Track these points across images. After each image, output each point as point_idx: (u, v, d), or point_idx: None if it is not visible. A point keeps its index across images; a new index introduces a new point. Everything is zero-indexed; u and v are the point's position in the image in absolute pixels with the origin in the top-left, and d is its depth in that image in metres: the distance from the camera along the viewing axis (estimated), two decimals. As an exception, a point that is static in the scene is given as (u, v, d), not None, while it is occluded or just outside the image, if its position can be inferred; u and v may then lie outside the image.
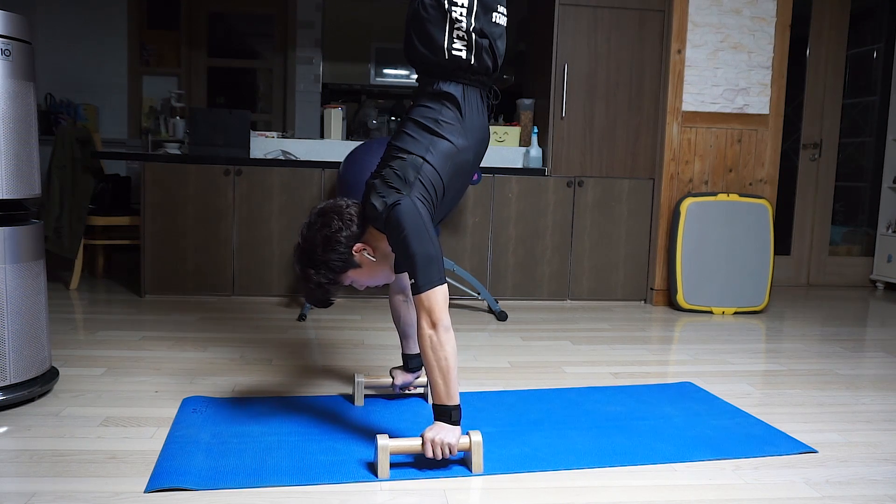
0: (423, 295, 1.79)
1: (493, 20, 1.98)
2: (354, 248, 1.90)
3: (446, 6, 1.93)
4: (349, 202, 1.95)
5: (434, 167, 1.90)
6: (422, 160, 1.89)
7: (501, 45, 2.02)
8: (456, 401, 1.82)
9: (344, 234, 1.88)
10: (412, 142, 1.93)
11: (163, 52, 6.14)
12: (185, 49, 6.19)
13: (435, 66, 1.97)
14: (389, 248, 1.94)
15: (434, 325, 1.79)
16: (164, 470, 1.74)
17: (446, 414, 1.81)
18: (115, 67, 5.96)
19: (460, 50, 1.94)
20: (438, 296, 1.79)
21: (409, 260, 1.80)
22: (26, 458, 1.81)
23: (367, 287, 2.03)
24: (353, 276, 1.94)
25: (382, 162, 1.97)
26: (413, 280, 1.80)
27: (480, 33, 1.95)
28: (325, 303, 1.96)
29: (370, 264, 1.94)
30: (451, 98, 1.95)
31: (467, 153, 1.97)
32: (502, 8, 2.02)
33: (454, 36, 1.94)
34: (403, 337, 2.32)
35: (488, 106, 2.07)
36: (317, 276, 1.89)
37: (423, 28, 1.96)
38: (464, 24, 1.94)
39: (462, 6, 1.93)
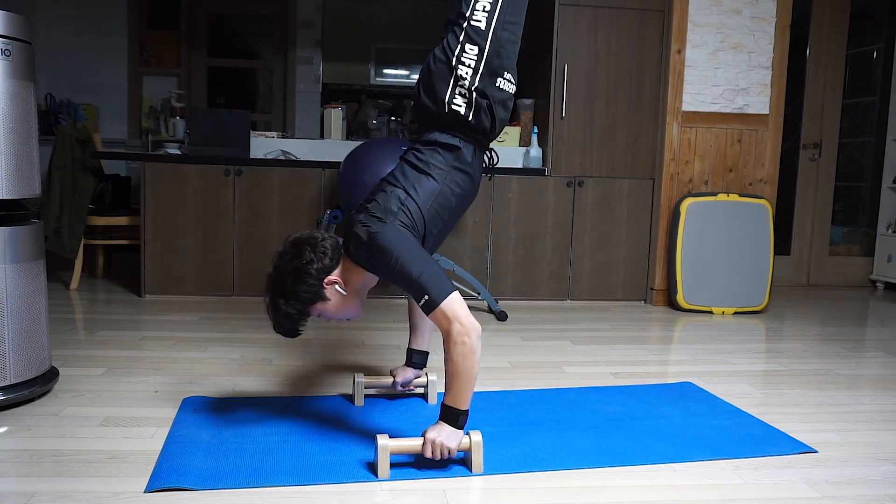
0: (444, 305, 1.77)
1: (497, 85, 2.03)
2: (325, 280, 1.89)
3: (454, 63, 1.99)
4: (325, 235, 1.94)
5: (416, 203, 1.92)
6: (405, 193, 1.93)
7: (502, 111, 2.05)
8: (466, 406, 1.81)
9: (315, 266, 1.86)
10: (399, 178, 1.97)
11: (163, 52, 6.14)
12: (185, 49, 6.19)
13: (435, 119, 2.02)
14: (362, 284, 1.94)
15: (469, 332, 1.76)
16: (164, 470, 1.74)
17: (453, 417, 1.80)
18: (115, 67, 5.96)
19: (460, 105, 1.99)
20: (456, 302, 1.78)
21: (414, 283, 1.79)
22: (26, 458, 1.81)
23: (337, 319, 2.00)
24: (321, 309, 1.92)
25: (368, 196, 1.99)
26: (427, 297, 1.77)
27: (482, 94, 2.00)
28: (291, 333, 1.93)
29: (340, 299, 1.92)
30: (444, 146, 2.00)
31: (452, 198, 2.00)
32: (509, 75, 2.05)
33: (456, 92, 2.00)
34: (413, 330, 2.32)
35: (482, 165, 2.11)
36: (285, 306, 1.87)
37: (430, 81, 2.03)
38: (467, 83, 1.99)
39: (469, 66, 1.99)
